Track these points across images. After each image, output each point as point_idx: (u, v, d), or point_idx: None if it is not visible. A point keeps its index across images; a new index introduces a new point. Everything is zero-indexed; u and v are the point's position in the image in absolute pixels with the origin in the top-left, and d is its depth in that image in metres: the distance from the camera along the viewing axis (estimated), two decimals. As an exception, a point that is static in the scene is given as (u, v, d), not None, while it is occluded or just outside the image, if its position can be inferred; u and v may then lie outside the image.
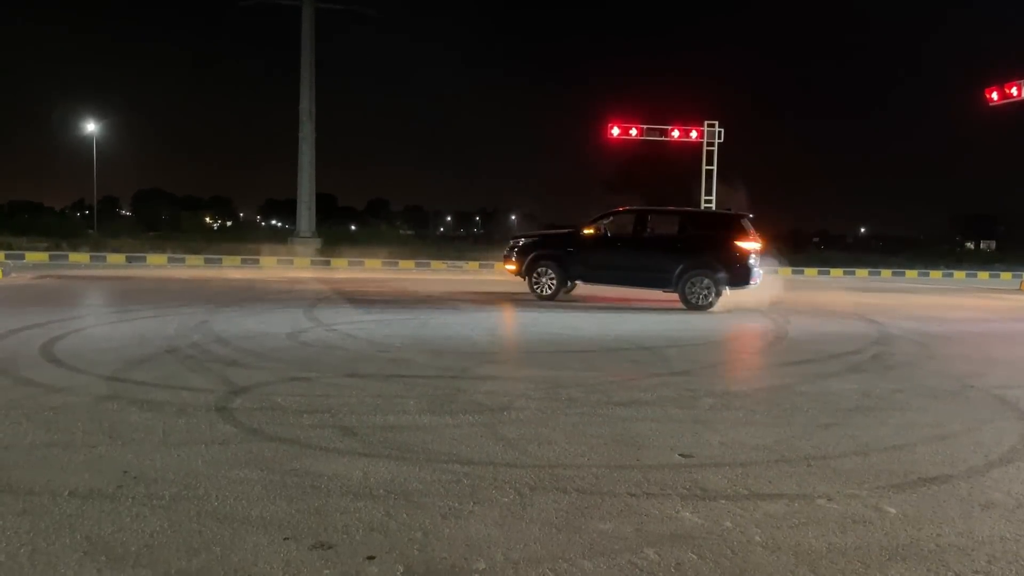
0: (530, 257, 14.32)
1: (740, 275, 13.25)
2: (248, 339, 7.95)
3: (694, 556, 2.75)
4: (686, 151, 28.91)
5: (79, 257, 30.45)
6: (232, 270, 24.41)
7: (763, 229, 14.56)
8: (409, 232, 72.71)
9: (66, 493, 3.22)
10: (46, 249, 32.09)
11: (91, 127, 45.78)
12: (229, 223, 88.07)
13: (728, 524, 3.07)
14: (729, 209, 16.00)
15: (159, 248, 34.43)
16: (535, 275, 14.21)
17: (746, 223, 13.77)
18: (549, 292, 14.11)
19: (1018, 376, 6.81)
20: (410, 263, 33.23)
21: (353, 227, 64.49)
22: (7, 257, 28.24)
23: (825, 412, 5.19)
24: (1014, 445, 4.42)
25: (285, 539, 2.80)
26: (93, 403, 4.89)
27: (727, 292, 13.28)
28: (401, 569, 2.58)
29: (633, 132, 28.03)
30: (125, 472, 3.51)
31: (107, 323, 9.60)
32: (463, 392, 5.53)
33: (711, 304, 13.15)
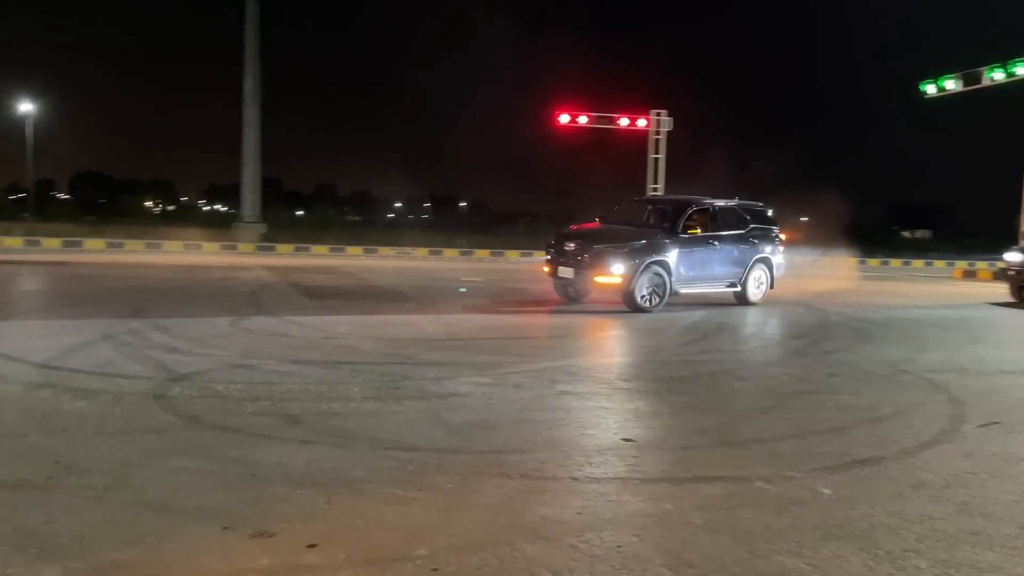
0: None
1: None
2: (188, 326, 7.78)
3: (635, 539, 2.79)
4: (637, 139, 29.08)
5: (12, 241, 29.39)
6: (174, 255, 23.82)
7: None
8: (356, 218, 71.83)
9: (-6, 484, 3.12)
10: (-23, 233, 30.85)
11: (25, 107, 44.06)
12: (171, 207, 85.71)
13: (669, 506, 3.12)
14: None
15: (97, 233, 33.28)
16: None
17: None
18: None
19: (948, 361, 7.04)
20: (357, 249, 32.84)
21: (299, 212, 63.54)
22: (-66, 241, 27.13)
23: (765, 396, 5.30)
24: (943, 427, 4.58)
25: (224, 529, 2.76)
26: (24, 391, 4.74)
27: None
28: (342, 557, 2.56)
29: (582, 119, 28.06)
30: (57, 462, 3.41)
31: (42, 308, 9.31)
32: (409, 379, 5.50)
33: None
